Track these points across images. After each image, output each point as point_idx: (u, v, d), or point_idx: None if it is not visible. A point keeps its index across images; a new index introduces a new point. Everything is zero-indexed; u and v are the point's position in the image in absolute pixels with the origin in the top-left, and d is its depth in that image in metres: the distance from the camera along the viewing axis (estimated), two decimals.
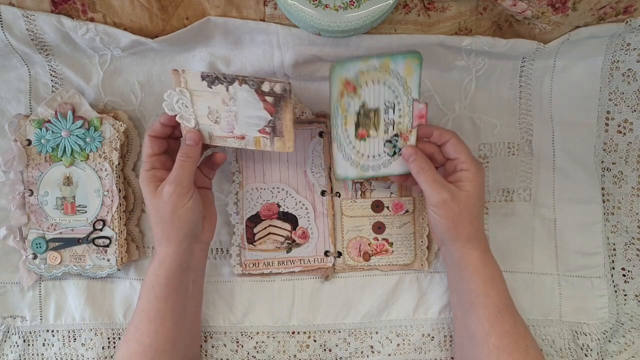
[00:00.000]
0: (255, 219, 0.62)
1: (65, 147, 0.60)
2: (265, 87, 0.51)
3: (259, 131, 0.53)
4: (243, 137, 0.54)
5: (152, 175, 0.53)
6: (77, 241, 0.61)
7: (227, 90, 0.51)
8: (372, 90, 0.54)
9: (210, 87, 0.51)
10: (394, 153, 0.56)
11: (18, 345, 0.64)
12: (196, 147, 0.53)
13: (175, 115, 0.52)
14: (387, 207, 0.63)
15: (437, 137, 0.55)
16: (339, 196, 0.63)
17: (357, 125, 0.55)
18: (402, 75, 0.53)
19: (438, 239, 0.59)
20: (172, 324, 0.54)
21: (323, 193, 0.62)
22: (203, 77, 0.51)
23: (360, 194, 0.63)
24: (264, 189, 0.62)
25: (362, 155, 0.56)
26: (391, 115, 0.55)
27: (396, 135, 0.56)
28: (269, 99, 0.51)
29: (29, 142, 0.60)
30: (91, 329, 0.63)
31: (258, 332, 0.64)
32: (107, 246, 0.61)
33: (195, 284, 0.58)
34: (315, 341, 0.64)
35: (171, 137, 0.55)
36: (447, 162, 0.55)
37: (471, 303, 0.54)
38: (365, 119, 0.55)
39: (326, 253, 0.63)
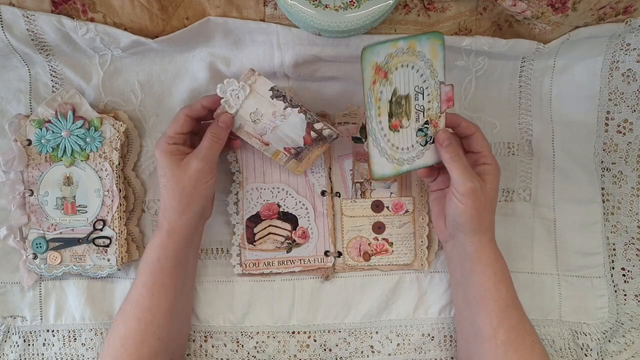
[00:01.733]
0: (255, 219, 0.62)
1: (65, 147, 0.60)
2: (317, 126, 0.56)
3: (284, 148, 0.58)
4: (267, 144, 0.57)
5: (176, 148, 0.54)
6: (77, 241, 0.61)
7: (285, 109, 0.55)
8: (402, 75, 0.51)
9: (272, 99, 0.54)
10: (426, 142, 0.54)
11: (18, 345, 0.64)
12: (226, 130, 0.55)
13: (222, 99, 0.54)
14: (387, 207, 0.63)
15: (465, 128, 0.54)
16: (339, 196, 0.63)
17: (390, 116, 0.52)
18: (429, 57, 0.51)
19: (449, 231, 0.57)
20: (173, 298, 0.55)
21: (323, 193, 0.62)
22: (272, 89, 0.54)
23: (360, 194, 0.63)
24: (264, 189, 0.62)
25: (397, 149, 0.53)
26: (421, 101, 0.52)
27: (426, 122, 0.53)
28: (313, 134, 0.56)
29: (29, 142, 0.61)
30: (91, 329, 0.63)
31: (258, 332, 0.64)
32: (108, 246, 0.61)
33: (193, 260, 0.60)
34: (315, 341, 0.64)
35: (201, 120, 0.56)
36: (468, 154, 0.55)
37: (480, 297, 0.54)
38: (398, 107, 0.52)
39: (326, 253, 0.63)
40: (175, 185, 0.53)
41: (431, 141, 0.54)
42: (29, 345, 0.64)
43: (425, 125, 0.53)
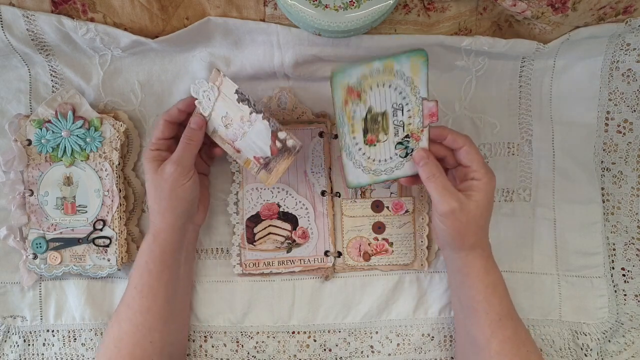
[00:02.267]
0: (255, 219, 0.62)
1: (65, 147, 0.60)
2: (281, 135, 0.54)
3: (254, 157, 0.56)
4: (239, 151, 0.56)
5: (157, 154, 0.55)
6: (77, 241, 0.61)
7: (250, 114, 0.54)
8: (377, 94, 0.52)
9: (238, 102, 0.54)
10: (406, 154, 0.55)
11: (18, 345, 0.64)
12: (199, 132, 0.55)
13: (195, 100, 0.55)
14: (387, 207, 0.63)
15: (451, 141, 0.53)
16: (339, 196, 0.63)
17: (366, 132, 0.54)
18: (408, 75, 0.52)
19: (441, 244, 0.59)
20: (164, 301, 0.55)
21: (323, 193, 0.62)
22: (237, 92, 0.54)
23: (360, 194, 0.63)
24: (264, 189, 0.62)
25: (373, 161, 0.55)
26: (400, 116, 0.53)
27: (407, 136, 0.54)
28: (278, 144, 0.55)
29: (29, 142, 0.61)
30: (91, 329, 0.63)
31: (258, 332, 0.64)
32: (108, 246, 0.61)
33: (186, 265, 0.60)
34: (315, 341, 0.64)
35: (182, 124, 0.57)
36: (458, 167, 0.54)
37: (473, 309, 0.54)
38: (374, 124, 0.53)
39: (326, 253, 0.63)
40: (155, 189, 0.54)
41: (412, 153, 0.54)
42: (29, 345, 0.64)
43: (405, 139, 0.54)
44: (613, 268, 0.64)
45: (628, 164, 0.63)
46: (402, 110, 0.53)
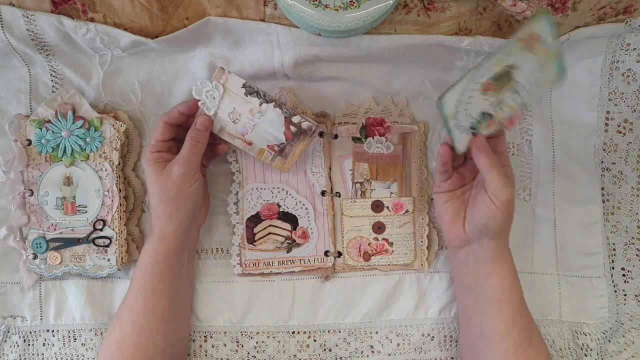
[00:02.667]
0: (255, 219, 0.62)
1: (65, 147, 0.60)
2: (295, 119, 0.56)
3: (268, 146, 0.57)
4: (250, 144, 0.57)
5: (159, 156, 0.54)
6: (77, 241, 0.61)
7: (260, 105, 0.55)
8: (530, 65, 0.51)
9: (246, 96, 0.55)
10: (473, 129, 0.52)
11: (18, 345, 0.64)
12: (205, 133, 0.55)
13: (199, 101, 0.55)
14: (387, 207, 0.63)
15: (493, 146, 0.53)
16: (339, 196, 0.63)
17: (495, 78, 0.51)
18: (544, 80, 0.51)
19: (468, 236, 0.55)
20: (167, 302, 0.55)
21: (323, 193, 0.62)
22: (244, 86, 0.54)
23: (360, 194, 0.63)
24: (264, 189, 0.62)
25: (466, 103, 0.52)
26: (509, 97, 0.52)
27: (491, 115, 0.52)
28: (292, 128, 0.56)
29: (29, 142, 0.61)
30: (91, 329, 0.63)
31: (258, 332, 0.64)
32: (108, 246, 0.61)
33: (188, 265, 0.60)
34: (315, 341, 0.64)
35: (182, 126, 0.57)
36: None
37: (496, 299, 0.54)
38: (504, 79, 0.51)
39: (326, 253, 0.63)
40: (160, 191, 0.54)
41: (473, 132, 0.52)
42: (29, 345, 0.64)
43: (488, 115, 0.52)
44: (613, 268, 0.64)
45: (628, 164, 0.63)
46: (517, 95, 0.51)
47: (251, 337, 0.64)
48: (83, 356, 0.63)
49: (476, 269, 0.56)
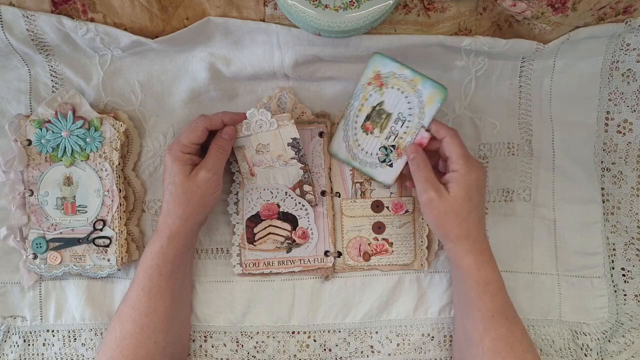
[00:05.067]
0: (255, 219, 0.62)
1: (65, 147, 0.60)
2: (306, 188, 0.61)
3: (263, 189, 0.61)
4: (253, 175, 0.61)
5: (189, 158, 0.55)
6: (77, 241, 0.61)
7: (291, 159, 0.59)
8: (394, 95, 0.56)
9: (287, 146, 0.58)
10: (384, 160, 0.59)
11: (18, 345, 0.64)
12: (230, 142, 0.57)
13: (245, 120, 0.57)
14: (387, 207, 0.63)
15: (434, 131, 0.56)
16: (339, 196, 0.63)
17: (367, 118, 0.58)
18: (424, 99, 0.55)
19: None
20: (170, 302, 0.56)
21: (323, 193, 0.62)
22: (294, 139, 0.58)
23: (360, 194, 0.63)
24: (264, 189, 0.62)
25: (358, 145, 0.59)
26: (399, 127, 0.57)
27: (393, 146, 0.58)
28: (297, 191, 0.61)
29: (29, 142, 0.61)
30: (91, 329, 0.63)
31: (258, 332, 0.64)
32: (108, 246, 0.61)
33: (190, 264, 0.60)
34: (315, 341, 0.64)
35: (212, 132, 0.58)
36: (446, 160, 0.55)
37: (466, 305, 0.54)
38: (377, 116, 0.58)
39: (326, 253, 0.63)
40: (184, 194, 0.54)
41: (389, 164, 0.59)
42: (29, 345, 0.64)
43: (391, 147, 0.58)
44: (613, 268, 0.64)
45: (628, 164, 0.63)
46: (403, 123, 0.57)
47: (251, 337, 0.64)
48: (83, 356, 0.63)
49: (452, 270, 0.58)
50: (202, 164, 0.54)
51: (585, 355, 0.63)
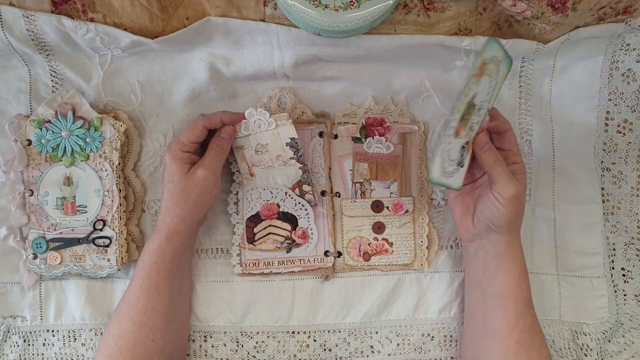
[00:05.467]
0: (255, 219, 0.62)
1: (65, 147, 0.60)
2: (306, 188, 0.60)
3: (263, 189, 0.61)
4: (252, 175, 0.60)
5: (188, 157, 0.55)
6: (77, 241, 0.61)
7: (290, 159, 0.59)
8: (485, 83, 0.48)
9: (286, 146, 0.58)
10: (459, 163, 0.49)
11: (18, 345, 0.64)
12: (229, 141, 0.57)
13: (244, 119, 0.57)
14: (387, 207, 0.63)
15: (501, 124, 0.53)
16: (339, 196, 0.63)
17: (462, 118, 0.47)
18: (499, 79, 0.48)
19: (477, 231, 0.56)
20: (169, 300, 0.56)
21: (323, 193, 0.62)
22: (293, 139, 0.57)
23: (360, 194, 0.63)
24: (264, 189, 0.62)
25: (448, 157, 0.48)
26: (475, 117, 0.49)
27: (467, 142, 0.49)
28: (296, 191, 0.60)
29: (29, 142, 0.61)
30: (91, 329, 0.63)
31: (258, 332, 0.64)
32: (108, 246, 0.61)
33: (189, 263, 0.60)
34: (315, 341, 0.64)
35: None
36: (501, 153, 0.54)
37: (502, 296, 0.54)
38: (467, 114, 0.47)
39: (326, 253, 0.63)
40: (181, 192, 0.54)
41: (461, 164, 0.50)
42: (29, 345, 0.64)
43: (466, 144, 0.50)
44: (613, 268, 0.64)
45: (628, 164, 0.63)
46: (480, 111, 0.48)
47: (251, 337, 0.64)
48: (83, 356, 0.63)
49: (485, 264, 0.56)
50: (200, 163, 0.55)
51: (585, 355, 0.63)
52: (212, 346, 0.64)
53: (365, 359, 0.64)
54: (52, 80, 0.61)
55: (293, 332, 0.64)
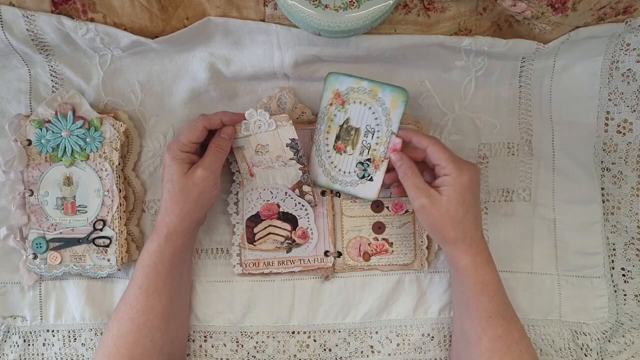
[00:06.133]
0: (255, 219, 0.62)
1: (65, 147, 0.60)
2: (306, 188, 0.60)
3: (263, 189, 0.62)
4: (252, 175, 0.61)
5: (187, 157, 0.55)
6: (77, 241, 0.61)
7: (290, 159, 0.59)
8: (357, 109, 0.57)
9: (286, 147, 0.58)
10: (363, 176, 0.59)
11: (18, 345, 0.64)
12: (229, 142, 0.57)
13: (244, 120, 0.57)
14: (387, 207, 0.63)
15: (416, 142, 0.56)
16: (339, 196, 0.63)
17: (337, 138, 0.58)
18: (387, 106, 0.56)
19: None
20: (168, 300, 0.56)
21: (323, 193, 0.62)
22: (293, 140, 0.57)
23: None
24: (264, 189, 0.62)
25: (334, 167, 0.59)
26: (369, 139, 0.58)
27: (369, 160, 0.58)
28: (297, 191, 0.61)
29: (29, 142, 0.61)
30: (91, 329, 0.63)
31: (258, 332, 0.64)
32: (108, 246, 0.61)
33: (188, 264, 0.61)
34: (315, 341, 0.64)
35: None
36: (434, 167, 0.56)
37: (465, 305, 0.55)
38: (346, 134, 0.58)
39: (326, 253, 0.63)
40: (180, 192, 0.54)
41: (369, 178, 0.59)
42: (29, 345, 0.64)
43: (367, 162, 0.58)
44: (613, 268, 0.64)
45: (628, 164, 0.63)
46: (373, 134, 0.58)
47: (251, 337, 0.64)
48: (83, 356, 0.63)
49: (450, 271, 0.58)
50: (200, 163, 0.55)
51: (585, 355, 0.63)
52: (212, 346, 0.64)
53: (365, 359, 0.64)
54: (52, 80, 0.61)
55: (293, 332, 0.64)
